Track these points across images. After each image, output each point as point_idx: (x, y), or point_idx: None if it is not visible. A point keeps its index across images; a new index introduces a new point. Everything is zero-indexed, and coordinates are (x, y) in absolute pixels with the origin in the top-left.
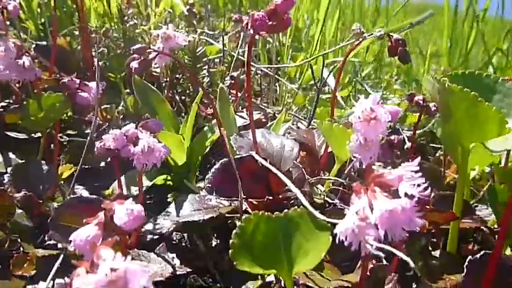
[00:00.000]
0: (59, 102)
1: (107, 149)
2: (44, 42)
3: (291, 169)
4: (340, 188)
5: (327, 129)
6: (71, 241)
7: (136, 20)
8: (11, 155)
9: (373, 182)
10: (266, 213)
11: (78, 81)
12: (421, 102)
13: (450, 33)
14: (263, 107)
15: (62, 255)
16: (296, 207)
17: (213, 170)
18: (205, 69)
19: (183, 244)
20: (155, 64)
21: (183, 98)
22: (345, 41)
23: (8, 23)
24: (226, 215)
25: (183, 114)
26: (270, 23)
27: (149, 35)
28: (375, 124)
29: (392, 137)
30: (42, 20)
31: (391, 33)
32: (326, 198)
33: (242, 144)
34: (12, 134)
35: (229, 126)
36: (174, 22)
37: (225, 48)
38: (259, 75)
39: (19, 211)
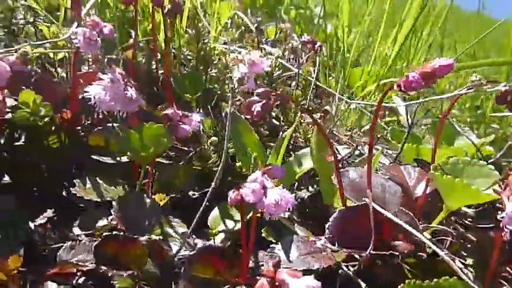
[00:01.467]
0: (161, 135)
1: (241, 200)
2: (114, 56)
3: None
4: (448, 239)
5: (447, 184)
6: None
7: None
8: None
9: None
10: (416, 281)
11: (180, 113)
12: None
13: None
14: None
15: None
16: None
17: (332, 218)
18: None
19: None
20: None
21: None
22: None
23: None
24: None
25: None
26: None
27: (225, 54)
28: None
29: None
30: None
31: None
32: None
33: (344, 184)
34: (98, 158)
35: (326, 165)
36: (226, 33)
37: (300, 72)
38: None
39: None
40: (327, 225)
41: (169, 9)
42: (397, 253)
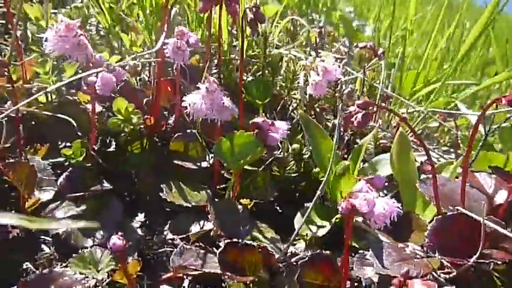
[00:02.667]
0: (253, 143)
1: (352, 210)
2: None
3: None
4: None
5: None
6: None
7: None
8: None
9: None
10: None
11: (270, 122)
12: None
13: None
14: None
15: None
16: None
17: (429, 227)
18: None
19: None
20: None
21: None
22: None
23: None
24: None
25: None
26: None
27: (292, 61)
28: None
29: None
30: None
31: None
32: None
33: (431, 194)
34: (181, 163)
35: (407, 172)
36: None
37: (365, 78)
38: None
39: None
40: (425, 233)
41: (251, 19)
42: (499, 262)
